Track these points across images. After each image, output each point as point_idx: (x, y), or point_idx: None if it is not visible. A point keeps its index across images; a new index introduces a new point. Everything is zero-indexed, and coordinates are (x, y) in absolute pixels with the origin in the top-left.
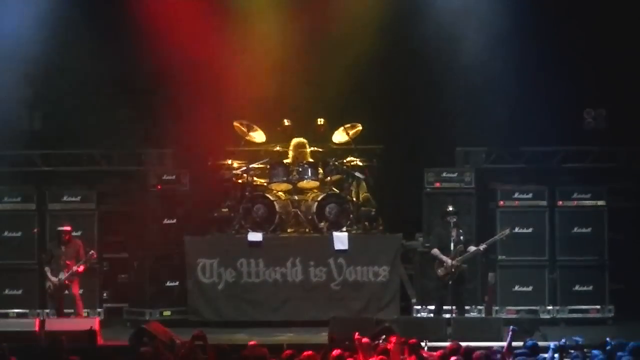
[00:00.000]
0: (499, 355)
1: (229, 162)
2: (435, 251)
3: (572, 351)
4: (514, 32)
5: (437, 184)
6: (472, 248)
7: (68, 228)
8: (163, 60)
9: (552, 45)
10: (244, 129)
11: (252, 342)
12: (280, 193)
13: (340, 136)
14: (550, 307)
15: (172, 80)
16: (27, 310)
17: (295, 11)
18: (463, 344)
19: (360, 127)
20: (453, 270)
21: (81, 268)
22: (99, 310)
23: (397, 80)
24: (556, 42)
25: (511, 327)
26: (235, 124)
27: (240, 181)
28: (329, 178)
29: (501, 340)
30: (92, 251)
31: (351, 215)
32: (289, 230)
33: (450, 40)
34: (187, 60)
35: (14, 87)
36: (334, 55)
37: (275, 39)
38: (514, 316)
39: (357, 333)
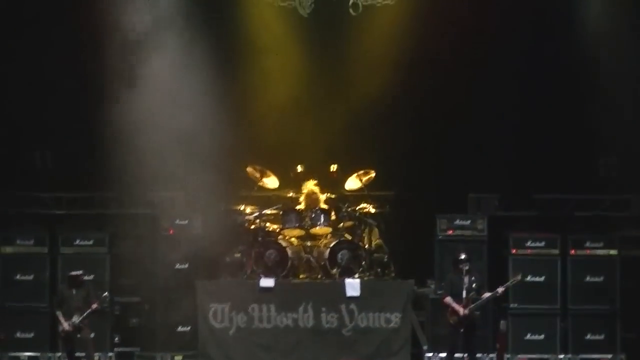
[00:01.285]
0: None
1: (242, 207)
2: (448, 299)
3: None
4: (529, 78)
5: (450, 231)
6: (485, 294)
7: (80, 272)
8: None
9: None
10: (257, 175)
11: None
12: (292, 239)
13: (353, 183)
14: (562, 356)
15: (184, 124)
16: (38, 354)
17: (309, 56)
18: None
19: (373, 174)
20: (465, 318)
21: (95, 306)
22: (110, 354)
23: (409, 126)
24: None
25: None
26: (249, 169)
27: (252, 226)
28: (341, 224)
29: None
30: (105, 293)
31: (363, 262)
32: (301, 276)
33: (462, 86)
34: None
35: (26, 127)
36: (346, 101)
37: (288, 84)
38: None
39: None
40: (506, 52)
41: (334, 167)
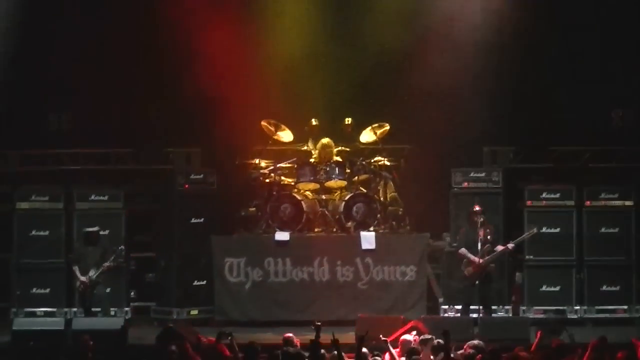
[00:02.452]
0: None
1: (257, 161)
2: (463, 250)
3: None
4: (541, 33)
5: (465, 184)
6: (499, 247)
7: (96, 228)
8: (191, 60)
9: (580, 45)
10: (272, 128)
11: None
12: (307, 192)
13: (367, 136)
14: (577, 307)
15: (199, 79)
16: (54, 309)
17: (323, 7)
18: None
19: (387, 127)
20: (480, 269)
21: (110, 265)
22: (126, 309)
23: (424, 79)
24: (584, 43)
25: (539, 330)
26: (263, 123)
27: (267, 180)
28: (356, 178)
29: (529, 340)
30: (121, 246)
31: (378, 215)
32: (316, 229)
33: (478, 40)
34: (215, 59)
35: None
36: (360, 54)
37: (301, 37)
38: (541, 316)
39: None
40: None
41: (348, 121)
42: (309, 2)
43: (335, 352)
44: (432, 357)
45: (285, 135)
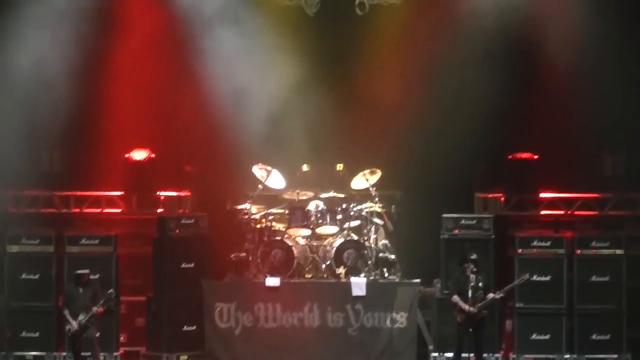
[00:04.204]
0: None
1: (248, 206)
2: (456, 297)
3: None
4: (536, 80)
5: (456, 231)
6: (490, 295)
7: (86, 271)
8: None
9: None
10: (263, 174)
11: None
12: (298, 238)
13: (359, 182)
14: (567, 356)
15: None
16: (44, 353)
17: (315, 55)
18: None
19: (379, 173)
20: (473, 316)
21: (101, 309)
22: (115, 353)
23: (416, 126)
24: (573, 88)
25: None
26: (255, 168)
27: (258, 226)
28: (347, 224)
29: None
30: (111, 290)
31: (369, 261)
32: (306, 275)
33: (470, 86)
34: (207, 104)
35: (34, 127)
36: (352, 100)
37: (294, 83)
38: None
39: None
40: (512, 49)
41: (340, 166)
42: (299, 51)
43: None
44: None
45: (277, 181)
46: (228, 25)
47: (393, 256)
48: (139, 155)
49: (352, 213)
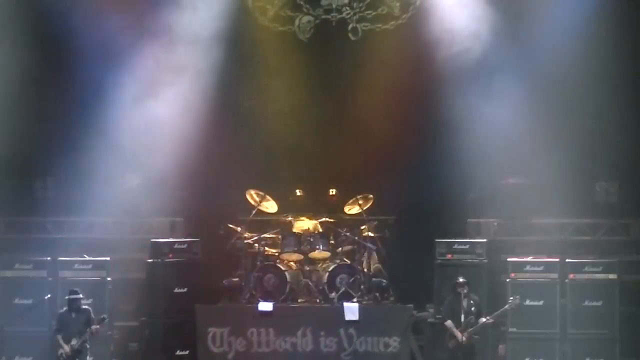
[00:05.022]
0: None
1: (241, 231)
2: (449, 323)
3: None
4: (530, 105)
5: (449, 256)
6: (482, 320)
7: (79, 295)
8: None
9: (564, 117)
10: (257, 198)
11: None
12: (291, 263)
13: (352, 207)
14: None
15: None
16: None
17: (308, 80)
18: None
19: (372, 198)
20: (465, 342)
21: (95, 331)
22: None
23: (409, 151)
24: (568, 114)
25: None
26: (248, 193)
27: (251, 250)
28: (340, 249)
29: None
30: (104, 315)
31: (362, 286)
32: (299, 300)
33: (464, 111)
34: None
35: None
36: (345, 126)
37: (287, 109)
38: None
39: None
40: (511, 73)
41: (333, 191)
42: (293, 76)
43: None
44: None
45: (270, 206)
46: (223, 49)
47: (386, 281)
48: (134, 180)
49: (345, 238)
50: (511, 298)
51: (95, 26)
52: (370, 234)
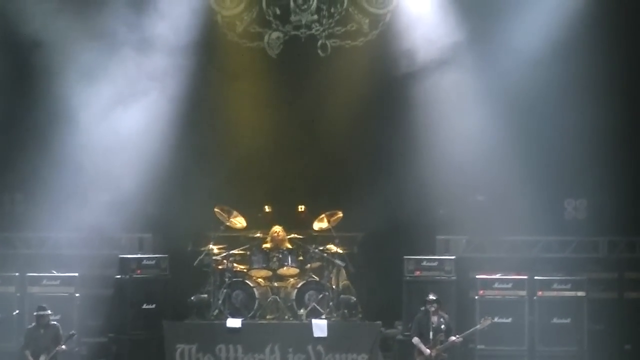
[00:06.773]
0: None
1: (209, 247)
2: (416, 340)
3: None
4: (497, 122)
5: (417, 272)
6: (452, 338)
7: (47, 312)
8: None
9: (533, 135)
10: (225, 215)
11: None
12: (260, 279)
13: (320, 223)
14: None
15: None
16: None
17: (277, 96)
18: None
19: (340, 215)
20: (433, 359)
21: (63, 347)
22: None
23: (378, 167)
24: (538, 131)
25: None
26: (216, 209)
27: (220, 267)
28: (308, 265)
29: None
30: (73, 331)
31: (330, 303)
32: (268, 316)
33: (432, 129)
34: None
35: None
36: (314, 142)
37: (256, 125)
38: None
39: None
40: (480, 91)
41: (301, 208)
42: (262, 92)
43: None
44: None
45: (238, 222)
46: (193, 63)
47: (354, 298)
48: (103, 197)
49: (313, 254)
50: (483, 318)
51: (62, 40)
52: (339, 251)
